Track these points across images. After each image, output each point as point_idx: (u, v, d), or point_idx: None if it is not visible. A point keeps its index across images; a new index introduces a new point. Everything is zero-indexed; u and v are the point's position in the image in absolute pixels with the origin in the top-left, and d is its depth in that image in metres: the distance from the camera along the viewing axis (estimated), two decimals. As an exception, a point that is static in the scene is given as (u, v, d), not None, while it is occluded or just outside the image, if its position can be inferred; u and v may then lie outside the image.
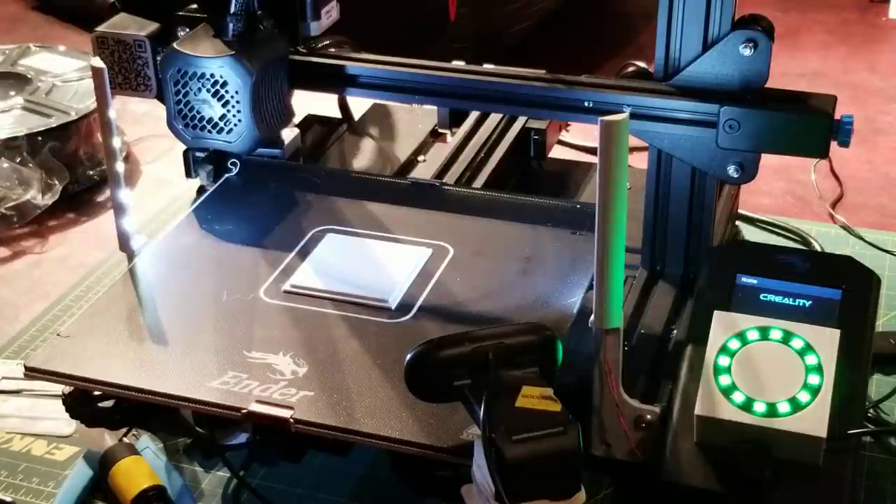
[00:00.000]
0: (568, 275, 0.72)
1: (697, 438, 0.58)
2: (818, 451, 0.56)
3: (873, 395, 0.79)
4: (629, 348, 0.65)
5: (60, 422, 0.81)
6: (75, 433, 0.81)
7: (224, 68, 0.78)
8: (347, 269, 0.72)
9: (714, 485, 0.56)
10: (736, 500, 0.56)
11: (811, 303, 0.63)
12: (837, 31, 1.75)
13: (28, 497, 0.77)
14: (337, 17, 0.83)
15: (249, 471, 0.75)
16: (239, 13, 0.78)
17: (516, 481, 0.52)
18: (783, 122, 0.66)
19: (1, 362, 0.88)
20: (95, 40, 0.83)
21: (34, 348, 0.88)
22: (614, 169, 0.52)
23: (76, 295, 0.97)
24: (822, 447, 0.56)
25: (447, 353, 0.57)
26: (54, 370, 0.66)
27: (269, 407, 0.62)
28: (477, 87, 0.73)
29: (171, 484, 0.75)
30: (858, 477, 0.58)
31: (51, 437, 0.82)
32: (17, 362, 0.86)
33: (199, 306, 0.70)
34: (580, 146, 1.20)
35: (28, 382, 0.78)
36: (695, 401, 0.59)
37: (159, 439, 0.79)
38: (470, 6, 1.56)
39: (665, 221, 0.72)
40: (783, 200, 1.17)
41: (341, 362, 0.65)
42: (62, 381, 0.67)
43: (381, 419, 0.61)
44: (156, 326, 0.69)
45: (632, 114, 0.63)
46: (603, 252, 0.54)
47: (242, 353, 0.66)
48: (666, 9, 0.67)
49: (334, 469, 0.77)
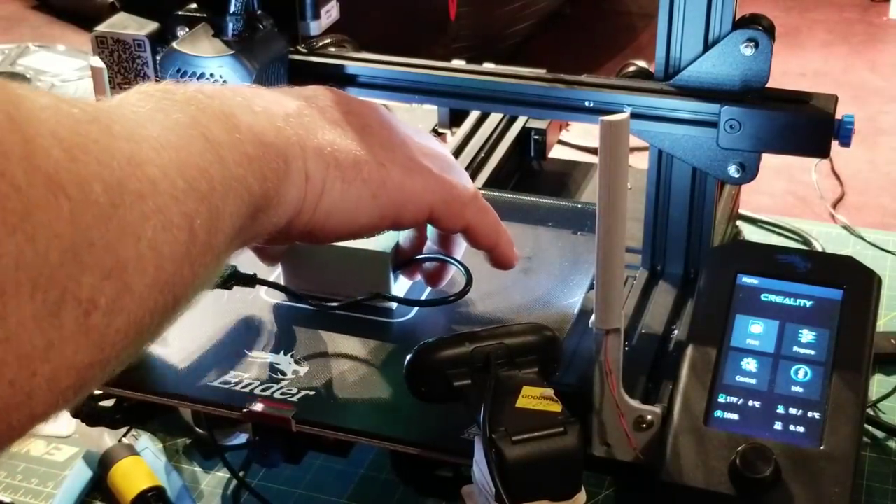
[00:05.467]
0: (569, 275, 0.72)
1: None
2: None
3: (873, 395, 0.79)
4: (629, 348, 0.65)
5: (60, 422, 0.81)
6: (75, 433, 0.81)
7: (224, 68, 0.77)
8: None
9: (715, 485, 0.56)
10: (737, 500, 0.56)
11: (812, 303, 0.63)
12: (838, 31, 1.75)
13: (27, 497, 0.76)
14: (337, 17, 0.83)
15: (249, 471, 0.75)
16: (239, 13, 0.77)
17: (516, 482, 0.52)
18: (784, 121, 0.66)
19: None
20: (95, 40, 0.83)
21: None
22: (615, 169, 0.52)
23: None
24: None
25: (447, 354, 0.57)
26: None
27: (270, 406, 0.62)
28: (477, 87, 0.73)
29: (170, 484, 0.75)
30: (859, 477, 0.58)
31: (50, 437, 0.82)
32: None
33: (199, 305, 0.70)
34: (580, 146, 1.20)
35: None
36: (695, 401, 0.59)
37: (159, 440, 0.79)
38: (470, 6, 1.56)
39: (665, 221, 0.72)
40: (784, 200, 1.16)
41: (342, 362, 0.65)
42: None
43: (382, 418, 0.61)
44: (155, 326, 0.68)
45: (632, 114, 0.62)
46: (603, 252, 0.54)
47: (243, 353, 0.66)
48: (666, 8, 0.67)
49: (334, 470, 0.77)
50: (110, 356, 0.37)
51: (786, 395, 0.60)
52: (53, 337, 0.33)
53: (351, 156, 0.56)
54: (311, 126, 0.55)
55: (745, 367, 0.61)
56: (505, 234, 0.64)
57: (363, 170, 0.56)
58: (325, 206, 0.54)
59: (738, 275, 0.65)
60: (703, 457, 0.57)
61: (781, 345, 0.62)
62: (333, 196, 0.55)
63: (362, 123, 0.59)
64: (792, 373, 0.61)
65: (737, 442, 0.57)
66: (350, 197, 0.55)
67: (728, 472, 0.56)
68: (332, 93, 0.60)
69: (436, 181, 0.60)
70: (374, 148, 0.57)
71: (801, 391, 0.60)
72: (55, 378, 0.34)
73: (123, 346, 0.37)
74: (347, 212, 0.56)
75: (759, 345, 0.62)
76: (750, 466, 0.56)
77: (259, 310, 0.70)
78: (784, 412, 0.59)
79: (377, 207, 0.57)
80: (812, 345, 0.62)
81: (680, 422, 0.59)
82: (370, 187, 0.56)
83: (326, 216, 0.55)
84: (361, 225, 0.57)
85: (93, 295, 0.35)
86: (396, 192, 0.58)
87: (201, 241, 0.42)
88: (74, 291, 0.34)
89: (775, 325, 0.63)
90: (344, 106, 0.59)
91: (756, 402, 0.59)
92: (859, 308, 0.63)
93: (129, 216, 0.37)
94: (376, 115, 0.61)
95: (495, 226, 0.64)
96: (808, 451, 0.57)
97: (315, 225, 0.55)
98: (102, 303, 0.35)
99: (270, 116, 0.52)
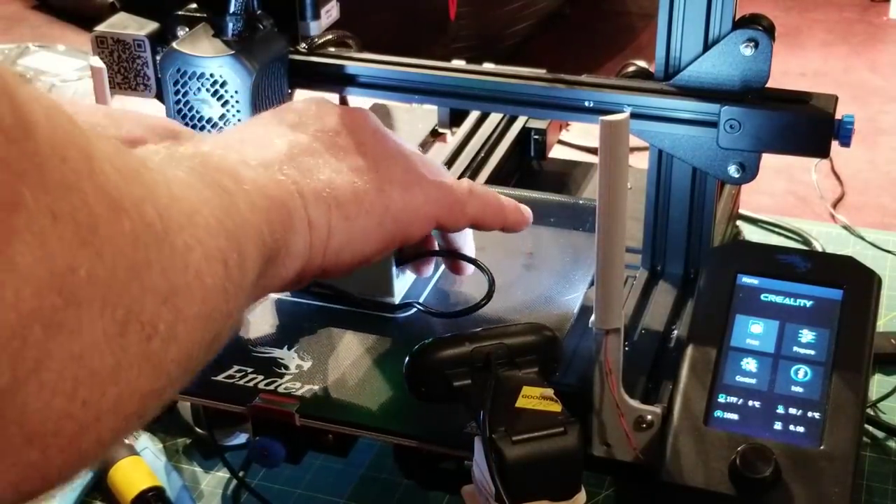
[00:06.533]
0: (569, 273, 0.72)
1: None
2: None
3: (873, 395, 0.79)
4: (629, 348, 0.65)
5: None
6: (74, 433, 0.81)
7: (224, 68, 0.77)
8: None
9: (715, 485, 0.56)
10: (737, 500, 0.56)
11: (812, 303, 0.63)
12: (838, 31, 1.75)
13: (27, 497, 0.76)
14: (337, 17, 0.83)
15: (249, 471, 0.75)
16: (239, 13, 0.77)
17: (516, 482, 0.52)
18: (784, 121, 0.66)
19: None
20: (94, 40, 0.83)
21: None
22: (615, 169, 0.52)
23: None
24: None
25: (447, 354, 0.57)
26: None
27: (273, 401, 0.62)
28: (477, 87, 0.73)
29: (170, 484, 0.75)
30: (859, 477, 0.58)
31: (50, 437, 0.82)
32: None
33: None
34: (580, 146, 1.20)
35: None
36: (695, 401, 0.59)
37: (159, 440, 0.79)
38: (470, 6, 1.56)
39: (665, 221, 0.72)
40: (784, 200, 1.17)
41: (345, 357, 0.66)
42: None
43: (385, 413, 0.62)
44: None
45: (632, 114, 0.62)
46: (603, 252, 0.54)
47: (247, 347, 0.66)
48: (666, 8, 0.67)
49: (334, 470, 0.77)
50: (165, 386, 0.37)
51: (786, 395, 0.60)
52: (121, 358, 0.33)
53: (350, 190, 0.56)
54: (305, 168, 0.55)
55: (745, 367, 0.61)
56: (509, 206, 0.65)
57: (364, 202, 0.56)
58: (334, 247, 0.55)
59: (738, 275, 0.65)
60: (703, 457, 0.57)
61: (781, 345, 0.62)
62: (340, 237, 0.55)
63: (356, 141, 0.58)
64: (792, 373, 0.61)
65: (737, 442, 0.57)
66: (356, 232, 0.56)
67: (728, 472, 0.56)
68: (318, 108, 0.60)
69: (434, 190, 0.60)
70: (370, 172, 0.57)
71: (801, 391, 0.60)
72: (121, 402, 0.34)
73: (176, 376, 0.37)
74: (357, 245, 0.56)
75: (759, 345, 0.62)
76: (750, 466, 0.56)
77: (262, 305, 0.70)
78: (784, 412, 0.59)
79: (384, 233, 0.57)
80: (812, 345, 0.62)
81: (680, 422, 0.59)
82: (374, 217, 0.57)
83: (337, 256, 0.55)
84: (372, 252, 0.58)
85: (153, 319, 0.35)
86: (401, 213, 0.58)
87: (235, 279, 0.42)
88: (138, 313, 0.34)
89: (775, 325, 0.63)
90: (333, 125, 0.59)
91: (756, 402, 0.59)
92: (859, 308, 0.63)
93: (178, 242, 0.37)
94: (368, 126, 0.60)
95: (498, 207, 0.64)
96: (808, 451, 0.57)
97: (328, 265, 0.55)
98: (161, 329, 0.35)
99: (267, 168, 0.52)
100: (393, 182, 0.58)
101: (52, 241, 0.30)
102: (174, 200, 0.38)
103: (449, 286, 0.71)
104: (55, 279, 0.30)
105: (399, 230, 0.58)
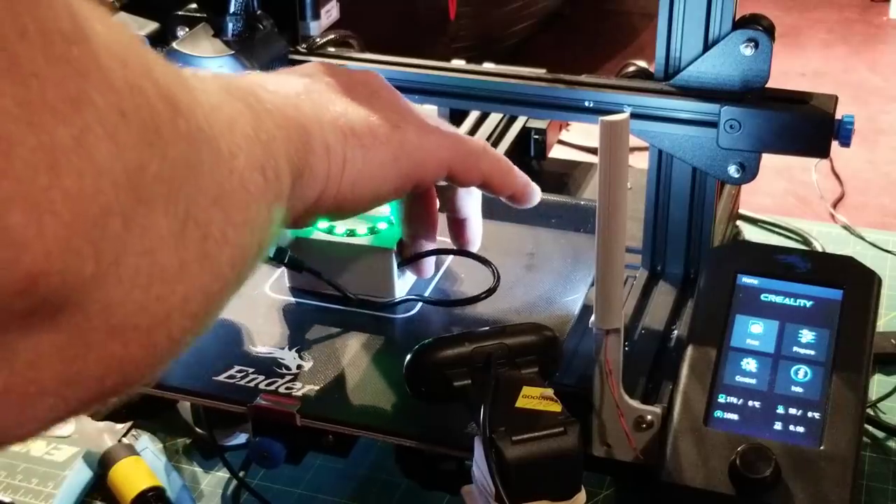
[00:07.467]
0: (570, 274, 0.72)
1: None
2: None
3: (873, 395, 0.79)
4: (629, 348, 0.65)
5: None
6: (75, 433, 0.81)
7: (223, 68, 0.77)
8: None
9: (715, 485, 0.56)
10: (737, 500, 0.56)
11: (812, 303, 0.63)
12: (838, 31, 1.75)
13: (27, 497, 0.76)
14: (337, 17, 0.83)
15: (249, 471, 0.76)
16: (239, 13, 0.77)
17: (516, 482, 0.52)
18: (784, 121, 0.66)
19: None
20: (95, 40, 0.83)
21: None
22: (615, 169, 0.52)
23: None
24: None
25: (447, 354, 0.57)
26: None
27: (274, 401, 0.62)
28: (477, 87, 0.73)
29: (170, 484, 0.75)
30: (859, 477, 0.58)
31: (50, 437, 0.82)
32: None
33: None
34: (580, 146, 1.20)
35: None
36: (695, 401, 0.59)
37: (159, 440, 0.79)
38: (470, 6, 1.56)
39: (665, 221, 0.72)
40: (784, 200, 1.17)
41: (345, 357, 0.66)
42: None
43: (386, 413, 0.62)
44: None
45: (632, 114, 0.62)
46: (603, 252, 0.54)
47: (248, 348, 0.66)
48: (666, 8, 0.67)
49: (334, 470, 0.77)
50: (223, 288, 0.37)
51: (786, 395, 0.60)
52: (184, 256, 0.34)
53: (365, 123, 0.57)
54: (322, 101, 0.56)
55: (745, 367, 0.61)
56: (522, 176, 0.66)
57: (379, 134, 0.57)
58: (350, 176, 0.55)
59: (738, 275, 0.65)
60: (703, 457, 0.57)
61: (781, 345, 0.62)
62: (356, 165, 0.55)
63: (369, 91, 0.60)
64: (792, 373, 0.61)
65: (737, 442, 0.57)
66: (372, 163, 0.56)
67: (728, 472, 0.56)
68: (331, 67, 0.61)
69: (449, 138, 0.61)
70: (385, 112, 0.58)
71: (801, 391, 0.60)
72: (188, 300, 0.35)
73: (230, 279, 0.38)
74: (372, 178, 0.56)
75: (759, 345, 0.62)
76: (750, 466, 0.56)
77: (263, 305, 0.70)
78: (784, 412, 0.59)
79: (399, 169, 0.58)
80: (812, 345, 0.62)
81: (680, 422, 0.59)
82: (390, 150, 0.57)
83: (352, 186, 0.55)
84: (387, 190, 0.58)
85: (207, 219, 0.36)
86: (415, 151, 0.58)
87: (273, 190, 0.43)
88: (195, 213, 0.35)
89: (775, 325, 0.63)
90: (346, 77, 0.60)
91: (756, 402, 0.59)
92: (859, 308, 0.63)
93: (223, 147, 0.38)
94: (380, 82, 0.62)
95: (510, 171, 0.65)
96: (808, 451, 0.57)
97: (342, 197, 0.55)
98: (214, 231, 0.36)
99: (284, 95, 0.53)
100: (408, 123, 0.59)
101: (122, 138, 0.31)
102: (214, 109, 0.39)
103: (450, 286, 0.71)
104: (128, 175, 0.31)
105: (413, 169, 0.58)
